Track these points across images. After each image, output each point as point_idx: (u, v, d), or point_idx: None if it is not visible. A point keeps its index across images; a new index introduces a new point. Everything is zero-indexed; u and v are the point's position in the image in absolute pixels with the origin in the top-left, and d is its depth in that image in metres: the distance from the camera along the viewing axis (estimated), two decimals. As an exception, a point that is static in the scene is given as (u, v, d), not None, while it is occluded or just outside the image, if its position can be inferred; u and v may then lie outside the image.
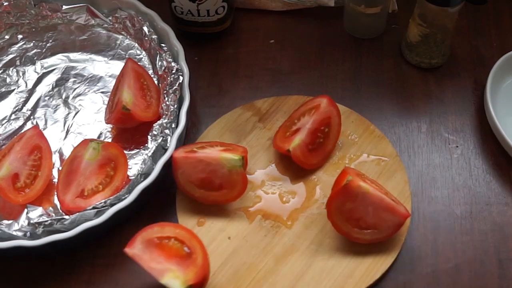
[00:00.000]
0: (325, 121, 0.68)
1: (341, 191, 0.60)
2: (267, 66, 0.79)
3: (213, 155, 0.63)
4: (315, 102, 0.69)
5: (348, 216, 0.61)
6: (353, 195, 0.60)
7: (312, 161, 0.68)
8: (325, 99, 0.68)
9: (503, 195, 0.68)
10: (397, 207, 0.60)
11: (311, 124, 0.67)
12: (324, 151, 0.68)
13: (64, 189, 0.65)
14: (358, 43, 0.81)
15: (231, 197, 0.65)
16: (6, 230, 0.60)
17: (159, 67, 0.73)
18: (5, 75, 0.77)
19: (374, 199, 0.60)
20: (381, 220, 0.60)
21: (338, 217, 0.61)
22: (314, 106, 0.69)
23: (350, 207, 0.60)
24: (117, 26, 0.79)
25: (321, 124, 0.68)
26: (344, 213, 0.61)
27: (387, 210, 0.60)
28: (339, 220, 0.61)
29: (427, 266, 0.63)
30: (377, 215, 0.60)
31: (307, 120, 0.68)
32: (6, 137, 0.72)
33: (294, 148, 0.66)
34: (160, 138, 0.65)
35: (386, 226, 0.61)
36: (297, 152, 0.66)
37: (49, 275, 0.64)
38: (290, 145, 0.66)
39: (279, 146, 0.68)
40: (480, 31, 0.82)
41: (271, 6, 0.84)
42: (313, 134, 0.67)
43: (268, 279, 0.61)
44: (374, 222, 0.60)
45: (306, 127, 0.67)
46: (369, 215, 0.60)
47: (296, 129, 0.68)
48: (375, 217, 0.60)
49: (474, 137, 0.72)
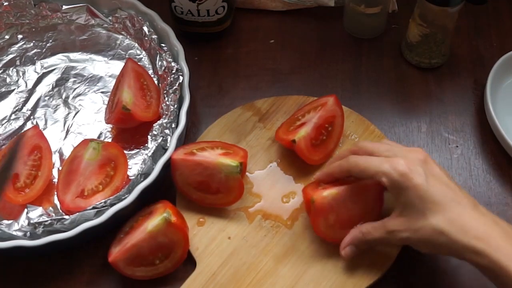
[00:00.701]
0: (330, 119, 0.68)
1: (316, 215, 0.60)
2: (267, 66, 0.79)
3: (211, 159, 0.63)
4: (322, 100, 0.69)
5: (340, 224, 0.60)
6: (328, 208, 0.60)
7: (314, 156, 0.67)
8: (332, 98, 0.69)
9: (503, 195, 0.67)
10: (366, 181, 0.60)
11: (317, 119, 0.67)
12: (326, 149, 0.68)
13: (64, 189, 0.65)
14: (358, 43, 0.81)
15: (228, 201, 0.65)
16: (6, 230, 0.60)
17: (159, 67, 0.73)
18: (5, 75, 0.77)
19: (345, 195, 0.60)
20: (366, 204, 0.60)
21: (331, 231, 0.61)
22: (321, 104, 0.68)
23: (334, 217, 0.60)
24: (117, 26, 0.79)
25: (326, 121, 0.68)
26: (335, 224, 0.60)
27: (363, 193, 0.60)
28: (333, 233, 0.61)
29: (427, 266, 0.62)
30: (359, 203, 0.60)
31: (313, 116, 0.67)
32: (6, 137, 0.72)
33: (299, 139, 0.65)
34: (160, 138, 0.65)
35: (372, 201, 0.61)
36: (302, 143, 0.65)
37: (49, 275, 0.64)
38: (296, 136, 0.65)
39: (282, 138, 0.67)
40: (480, 31, 0.82)
41: (271, 6, 0.84)
42: (318, 130, 0.67)
43: (268, 279, 0.61)
44: (360, 212, 0.60)
45: (312, 121, 0.67)
46: (353, 209, 0.60)
47: (301, 123, 0.68)
48: (358, 207, 0.60)
49: (474, 137, 0.72)
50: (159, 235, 0.59)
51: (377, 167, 0.56)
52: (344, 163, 0.59)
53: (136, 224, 0.62)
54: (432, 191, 0.53)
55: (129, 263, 0.60)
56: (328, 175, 0.61)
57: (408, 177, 0.53)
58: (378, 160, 0.56)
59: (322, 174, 0.62)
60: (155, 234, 0.59)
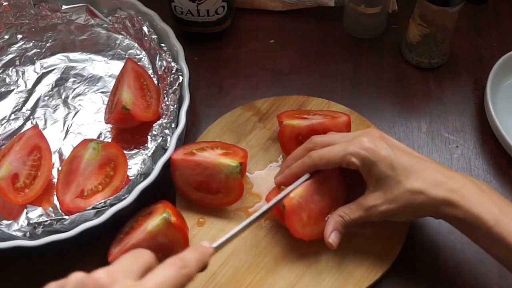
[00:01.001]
0: (329, 132, 0.66)
1: (290, 218, 0.59)
2: (267, 66, 0.79)
3: (211, 159, 0.63)
4: (338, 113, 0.67)
5: (314, 220, 0.60)
6: (299, 208, 0.59)
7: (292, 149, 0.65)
8: (345, 117, 0.66)
9: (503, 195, 0.67)
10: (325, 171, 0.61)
11: (317, 122, 0.66)
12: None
13: (64, 189, 0.65)
14: (358, 43, 0.81)
15: (228, 202, 0.65)
16: (6, 230, 0.60)
17: (159, 67, 0.73)
18: (4, 75, 0.77)
19: (310, 190, 0.60)
20: (331, 193, 0.61)
21: (307, 229, 0.60)
22: (333, 115, 0.67)
23: (306, 214, 0.60)
24: (117, 26, 0.79)
25: (324, 130, 0.65)
26: (309, 221, 0.60)
27: (325, 183, 0.60)
28: (309, 230, 0.60)
29: (427, 266, 0.62)
30: (325, 194, 0.60)
31: (317, 118, 0.67)
32: (6, 137, 0.72)
33: (286, 123, 0.66)
34: (160, 138, 0.65)
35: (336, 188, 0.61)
36: (286, 130, 0.66)
37: (49, 275, 0.63)
38: (288, 121, 0.66)
39: (280, 116, 0.68)
40: (480, 31, 0.82)
41: (271, 6, 0.84)
42: (311, 131, 0.65)
43: (268, 279, 0.61)
44: (328, 202, 0.61)
45: (310, 121, 0.66)
46: (321, 201, 0.60)
47: (305, 117, 0.68)
48: (325, 198, 0.61)
49: (474, 137, 0.72)
50: (159, 235, 0.59)
51: (343, 151, 0.57)
52: (307, 159, 0.60)
53: (136, 224, 0.61)
54: (400, 159, 0.56)
55: None
56: (291, 176, 0.62)
57: (375, 151, 0.56)
58: (342, 145, 0.58)
59: (284, 177, 0.62)
60: (155, 234, 0.59)
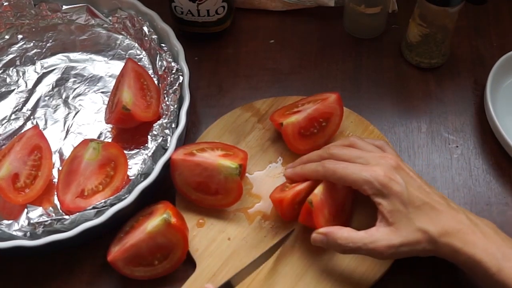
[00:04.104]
0: (326, 114, 0.68)
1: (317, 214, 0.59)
2: (267, 66, 0.79)
3: (211, 160, 0.63)
4: (325, 95, 0.69)
5: (333, 216, 0.61)
6: (322, 204, 0.60)
7: (299, 145, 0.67)
8: (334, 95, 0.68)
9: (503, 195, 0.68)
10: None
11: (313, 111, 0.67)
12: (314, 142, 0.68)
13: (64, 189, 0.65)
14: (358, 43, 0.81)
15: (226, 203, 0.65)
16: (6, 230, 0.60)
17: (159, 67, 0.73)
18: (5, 75, 0.77)
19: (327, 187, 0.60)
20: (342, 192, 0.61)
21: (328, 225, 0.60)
22: (322, 98, 0.69)
23: (327, 210, 0.60)
24: (117, 26, 0.79)
25: (321, 115, 0.68)
26: (329, 217, 0.60)
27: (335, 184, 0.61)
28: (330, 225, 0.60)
29: (427, 266, 0.62)
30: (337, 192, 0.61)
31: (309, 107, 0.68)
32: (6, 137, 0.72)
33: (287, 124, 0.66)
34: (160, 138, 0.65)
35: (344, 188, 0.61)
36: (289, 129, 0.66)
37: (49, 275, 0.64)
38: (285, 120, 0.66)
39: (274, 119, 0.69)
40: (480, 31, 0.82)
41: (271, 6, 0.84)
42: (309, 121, 0.67)
43: (268, 279, 0.61)
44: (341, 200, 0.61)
45: (306, 111, 0.67)
46: (337, 198, 0.61)
47: (297, 110, 0.68)
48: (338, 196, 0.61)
49: (474, 137, 0.72)
50: (158, 236, 0.59)
51: (356, 175, 0.57)
52: (320, 168, 0.60)
53: (137, 224, 0.62)
54: (411, 197, 0.55)
55: (128, 263, 0.60)
56: (301, 176, 0.62)
57: (388, 187, 0.55)
58: (357, 167, 0.57)
59: (295, 174, 0.63)
60: (154, 234, 0.59)
